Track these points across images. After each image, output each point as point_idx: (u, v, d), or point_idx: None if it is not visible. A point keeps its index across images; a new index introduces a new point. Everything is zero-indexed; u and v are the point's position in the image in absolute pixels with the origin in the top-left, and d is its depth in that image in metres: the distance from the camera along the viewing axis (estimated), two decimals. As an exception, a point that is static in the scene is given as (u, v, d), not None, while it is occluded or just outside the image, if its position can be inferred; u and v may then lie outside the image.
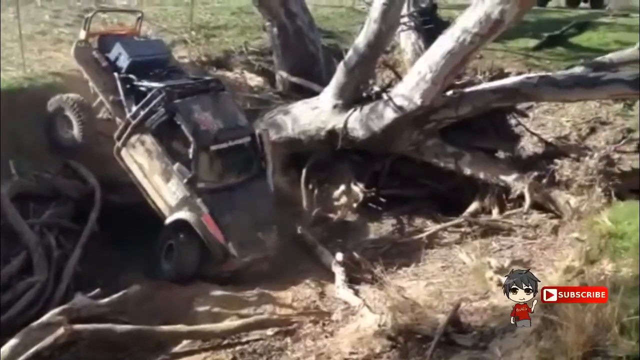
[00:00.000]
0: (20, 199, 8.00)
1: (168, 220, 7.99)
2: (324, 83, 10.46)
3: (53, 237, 7.80)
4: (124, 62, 8.66)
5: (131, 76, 8.51)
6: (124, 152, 8.26)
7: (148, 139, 8.08)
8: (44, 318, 6.29)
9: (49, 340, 5.92)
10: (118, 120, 8.41)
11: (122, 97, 8.48)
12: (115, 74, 8.59)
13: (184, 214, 7.85)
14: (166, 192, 8.02)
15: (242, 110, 9.07)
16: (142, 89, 8.38)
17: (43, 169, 8.59)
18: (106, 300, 6.78)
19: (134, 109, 8.20)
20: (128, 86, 8.51)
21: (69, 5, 13.92)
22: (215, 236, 7.73)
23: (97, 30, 9.47)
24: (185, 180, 7.79)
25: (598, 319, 3.71)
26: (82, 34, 9.14)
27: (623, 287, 3.97)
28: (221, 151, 8.13)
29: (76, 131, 8.69)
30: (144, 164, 8.15)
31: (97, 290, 6.89)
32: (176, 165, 7.82)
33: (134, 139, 8.15)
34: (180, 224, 7.87)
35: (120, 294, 6.89)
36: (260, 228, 7.98)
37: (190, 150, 7.85)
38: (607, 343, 3.65)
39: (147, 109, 8.08)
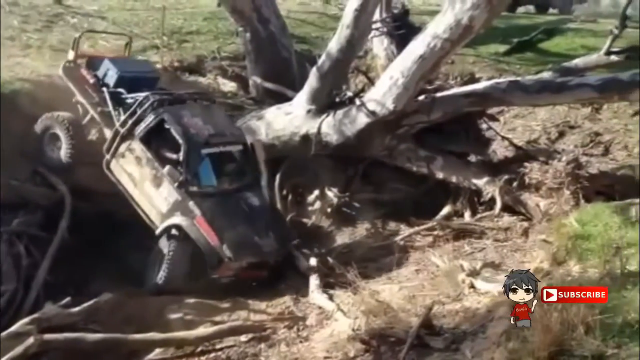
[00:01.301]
0: (-13, 207, 7.89)
1: (160, 229, 7.79)
2: (297, 88, 10.47)
3: (22, 245, 7.71)
4: (112, 77, 8.73)
5: (120, 90, 8.56)
6: (113, 164, 8.17)
7: (137, 146, 8.04)
8: (14, 328, 6.16)
9: (18, 350, 5.79)
10: (107, 132, 8.36)
11: (110, 108, 8.47)
12: (104, 89, 8.65)
13: (176, 219, 7.65)
14: (157, 198, 7.86)
15: (233, 121, 9.11)
16: (130, 100, 8.41)
17: (11, 176, 8.46)
18: (77, 309, 6.67)
19: (123, 118, 8.22)
20: (116, 99, 8.53)
21: (38, 10, 13.75)
22: (209, 238, 7.52)
23: (86, 53, 9.50)
24: (176, 184, 7.69)
25: (564, 318, 3.78)
26: (71, 55, 9.19)
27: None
28: (213, 156, 8.08)
29: (64, 149, 8.63)
30: (133, 172, 8.05)
31: (68, 299, 6.78)
32: (166, 169, 7.73)
33: (123, 148, 8.11)
34: (172, 232, 7.69)
35: (91, 302, 6.79)
36: (256, 233, 7.84)
37: (181, 153, 7.79)
38: (572, 343, 3.72)
39: (135, 116, 8.09)
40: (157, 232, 7.80)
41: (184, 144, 7.81)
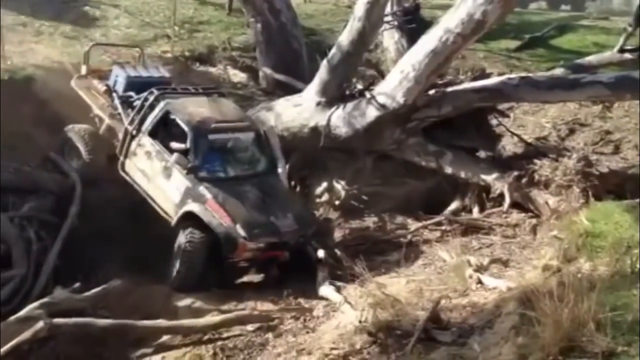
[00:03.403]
0: (-1, 191, 7.92)
1: (175, 220, 7.71)
2: (307, 80, 10.47)
3: (33, 230, 7.74)
4: (121, 82, 8.86)
5: (129, 93, 8.65)
6: (127, 164, 8.24)
7: (146, 141, 8.12)
8: (23, 312, 6.22)
9: (28, 334, 5.86)
10: (120, 136, 8.43)
11: (120, 110, 8.57)
12: (114, 94, 8.78)
13: (188, 206, 7.59)
14: (170, 190, 7.85)
15: (244, 111, 9.13)
16: (138, 102, 8.46)
17: (23, 161, 8.50)
18: (86, 294, 6.73)
19: (130, 116, 8.31)
20: (127, 103, 8.63)
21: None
22: (222, 220, 7.40)
23: (98, 68, 9.57)
24: (185, 171, 7.69)
25: (575, 315, 3.78)
26: (84, 69, 9.32)
27: (599, 285, 4.05)
28: (222, 144, 8.08)
29: (82, 161, 8.70)
30: (146, 168, 8.08)
31: (77, 284, 6.84)
32: (174, 156, 7.73)
33: (134, 146, 8.20)
34: (186, 222, 7.57)
35: (100, 288, 6.85)
36: (272, 214, 7.69)
37: (188, 141, 7.80)
38: (583, 339, 3.72)
39: (142, 112, 8.17)
40: (173, 223, 7.74)
41: (189, 131, 7.83)
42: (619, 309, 3.92)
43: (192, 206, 7.57)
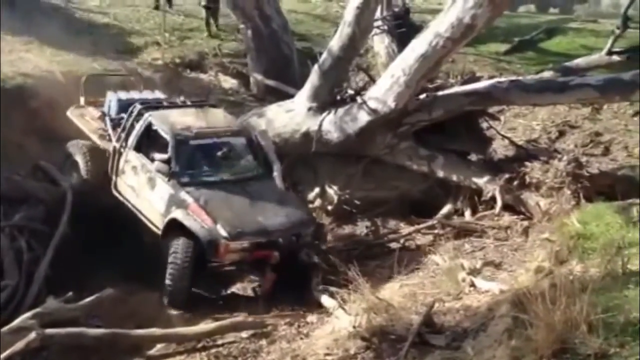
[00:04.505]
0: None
1: (162, 230, 7.52)
2: (299, 86, 10.49)
3: (24, 240, 7.69)
4: (113, 106, 8.88)
5: (121, 115, 8.62)
6: (118, 183, 8.20)
7: (132, 156, 8.11)
8: (16, 322, 6.16)
9: (20, 344, 5.82)
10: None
11: (110, 131, 8.59)
12: (107, 117, 8.81)
13: (172, 214, 7.42)
14: (155, 200, 7.73)
15: (234, 119, 9.08)
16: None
17: (13, 170, 8.46)
18: (79, 304, 6.69)
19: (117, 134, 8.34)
20: (117, 124, 8.61)
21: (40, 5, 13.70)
22: (202, 222, 7.18)
23: (95, 99, 9.52)
24: (167, 178, 7.62)
25: (567, 317, 3.79)
26: (81, 101, 9.34)
27: (591, 286, 4.06)
28: (206, 149, 8.02)
29: (82, 173, 8.66)
30: (133, 184, 8.03)
31: (70, 294, 6.78)
32: (155, 165, 7.70)
33: (122, 163, 8.17)
34: (173, 232, 7.36)
35: (93, 297, 6.80)
36: (261, 214, 7.47)
37: (169, 148, 7.77)
38: (575, 341, 3.73)
39: (127, 128, 8.19)
40: (161, 235, 7.57)
41: (170, 138, 7.79)
42: (611, 310, 3.94)
43: (175, 213, 7.41)
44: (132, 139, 8.16)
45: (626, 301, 4.18)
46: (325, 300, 7.01)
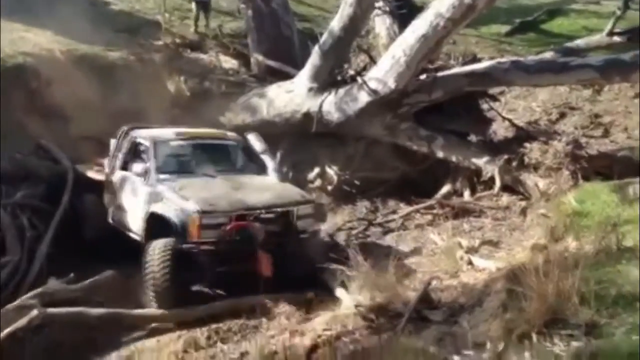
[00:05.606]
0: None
1: (141, 234, 7.28)
2: (299, 66, 10.48)
3: (25, 217, 7.75)
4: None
5: None
6: (113, 212, 8.11)
7: (118, 175, 8.12)
8: (18, 301, 6.23)
9: (23, 321, 5.91)
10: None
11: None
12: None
13: (150, 209, 7.18)
14: (138, 206, 7.51)
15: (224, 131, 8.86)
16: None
17: (15, 149, 8.51)
18: (80, 284, 6.72)
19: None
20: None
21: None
22: (176, 205, 6.91)
23: None
24: (144, 178, 7.50)
25: (560, 290, 3.86)
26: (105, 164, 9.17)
27: (583, 261, 4.12)
28: (187, 149, 8.00)
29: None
30: (122, 202, 7.93)
31: (71, 275, 6.81)
32: (133, 167, 7.66)
33: (111, 188, 8.17)
34: (153, 232, 7.07)
35: (93, 278, 6.82)
36: (242, 193, 7.16)
37: (149, 151, 7.72)
38: (567, 312, 3.80)
39: (114, 152, 8.24)
40: (140, 239, 7.26)
41: (150, 142, 7.77)
42: (604, 284, 4.00)
43: (153, 207, 7.17)
44: (119, 160, 8.16)
45: (619, 275, 4.25)
46: (325, 277, 7.05)
